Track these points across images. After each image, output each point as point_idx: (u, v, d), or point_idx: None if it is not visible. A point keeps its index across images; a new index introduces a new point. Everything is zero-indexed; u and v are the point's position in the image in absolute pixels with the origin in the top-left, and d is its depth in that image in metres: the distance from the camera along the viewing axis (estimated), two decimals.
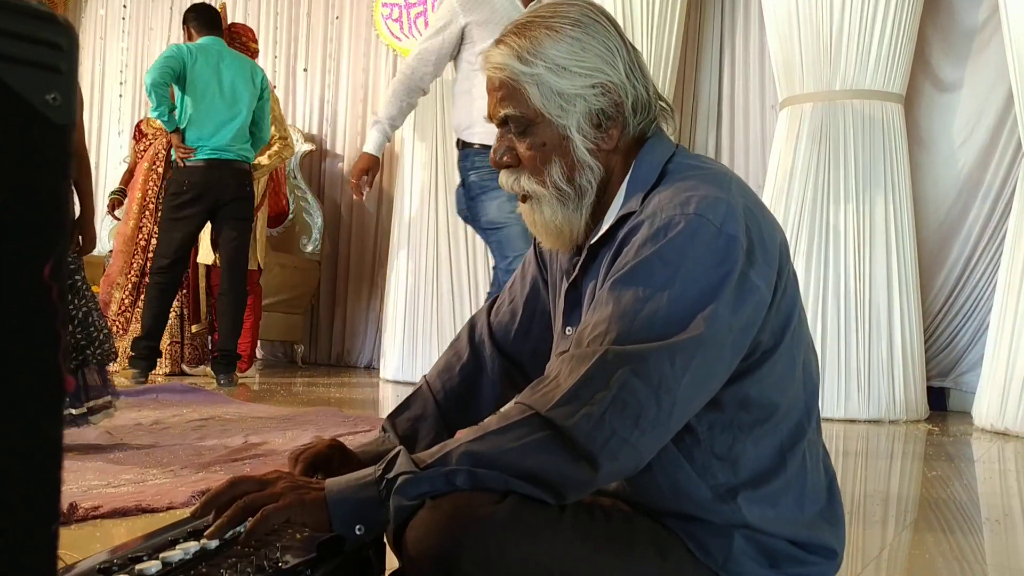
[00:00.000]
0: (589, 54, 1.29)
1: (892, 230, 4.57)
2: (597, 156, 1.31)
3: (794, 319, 1.26)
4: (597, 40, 1.30)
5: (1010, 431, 4.09)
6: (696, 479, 1.22)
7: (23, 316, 0.40)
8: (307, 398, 4.62)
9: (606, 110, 1.30)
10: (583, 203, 1.32)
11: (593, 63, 1.29)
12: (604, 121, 1.30)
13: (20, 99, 0.40)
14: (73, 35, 0.42)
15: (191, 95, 4.86)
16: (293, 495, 1.19)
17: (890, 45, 4.58)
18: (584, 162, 1.31)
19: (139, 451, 2.85)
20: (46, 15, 0.41)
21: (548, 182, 1.31)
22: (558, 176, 1.31)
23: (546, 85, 1.28)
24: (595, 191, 1.32)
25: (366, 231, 6.81)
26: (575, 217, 1.33)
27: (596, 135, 1.30)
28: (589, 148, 1.30)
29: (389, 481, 1.18)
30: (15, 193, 0.40)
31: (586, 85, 1.29)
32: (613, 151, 1.32)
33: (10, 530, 0.40)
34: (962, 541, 2.19)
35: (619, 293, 1.17)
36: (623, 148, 1.33)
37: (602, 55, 1.29)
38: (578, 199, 1.32)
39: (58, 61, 0.41)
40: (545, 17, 1.31)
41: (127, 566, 1.05)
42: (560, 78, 1.28)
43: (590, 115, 1.30)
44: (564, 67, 1.28)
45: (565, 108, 1.29)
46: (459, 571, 1.13)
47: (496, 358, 1.58)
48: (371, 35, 6.71)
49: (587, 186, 1.32)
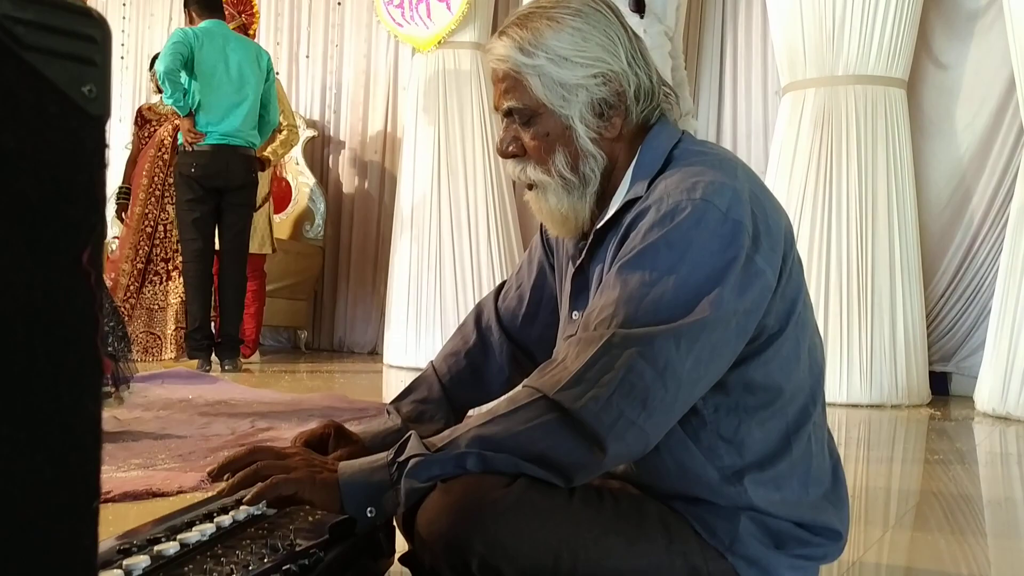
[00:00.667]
0: (590, 44, 1.30)
1: (895, 215, 4.57)
2: (600, 145, 1.33)
3: (799, 304, 1.28)
4: (598, 30, 1.31)
5: (1011, 415, 4.11)
6: (703, 461, 1.24)
7: (64, 301, 0.42)
8: (311, 384, 4.64)
9: (608, 99, 1.31)
10: (587, 191, 1.34)
11: (594, 53, 1.30)
12: (606, 110, 1.32)
13: (59, 91, 0.41)
14: (107, 28, 0.44)
15: (199, 80, 4.87)
16: (306, 471, 1.23)
17: (893, 30, 4.58)
18: (587, 151, 1.32)
19: (147, 436, 2.87)
20: (81, 9, 0.42)
21: (553, 171, 1.33)
22: (562, 165, 1.33)
23: (548, 76, 1.30)
24: (599, 179, 1.34)
25: (369, 216, 6.82)
26: (580, 205, 1.34)
27: (599, 124, 1.32)
28: (592, 137, 1.32)
29: (400, 464, 1.20)
30: (55, 182, 0.41)
31: (588, 75, 1.30)
32: (617, 139, 1.34)
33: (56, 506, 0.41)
34: (964, 524, 2.21)
35: (626, 277, 1.19)
36: (628, 135, 1.35)
37: (603, 44, 1.31)
38: (582, 187, 1.33)
39: (93, 54, 0.43)
40: (547, 8, 1.33)
41: (146, 547, 1.07)
42: (562, 68, 1.29)
43: (592, 104, 1.31)
44: (566, 57, 1.29)
45: (567, 98, 1.30)
46: (471, 553, 1.15)
47: (503, 343, 1.60)
48: (372, 21, 6.70)
49: (591, 174, 1.33)
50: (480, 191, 5.55)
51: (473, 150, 5.57)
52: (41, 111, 0.40)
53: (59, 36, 0.41)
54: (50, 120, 0.41)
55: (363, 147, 6.88)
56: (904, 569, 1.79)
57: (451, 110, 5.60)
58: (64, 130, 0.41)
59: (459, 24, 5.57)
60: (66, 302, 0.42)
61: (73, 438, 0.42)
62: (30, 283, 0.40)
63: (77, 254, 0.42)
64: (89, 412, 0.43)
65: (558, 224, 1.37)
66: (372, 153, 6.83)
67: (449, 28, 5.57)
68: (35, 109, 0.40)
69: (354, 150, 6.91)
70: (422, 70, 5.73)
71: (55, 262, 0.41)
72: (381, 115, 6.80)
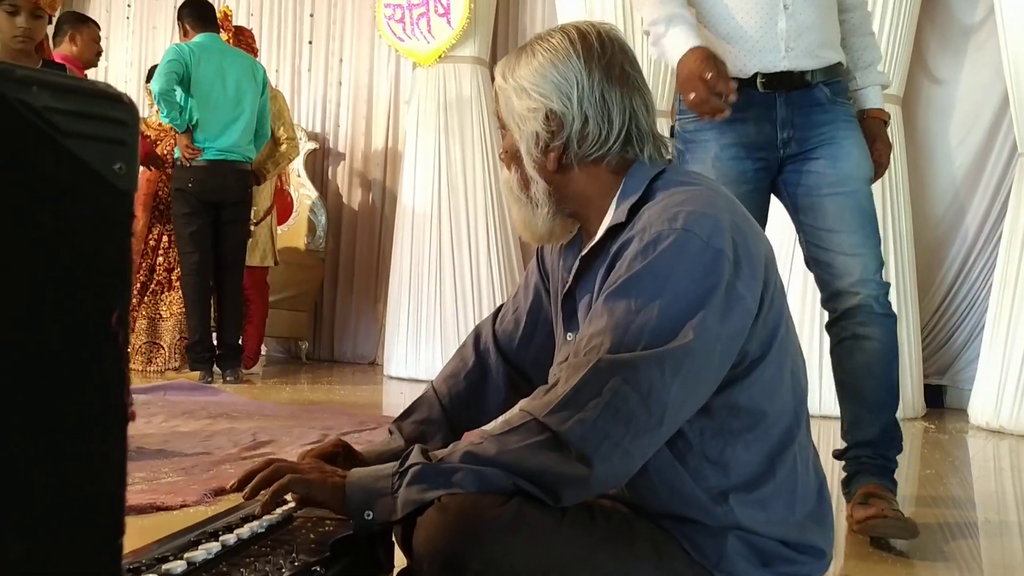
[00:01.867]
0: (546, 81, 1.37)
1: (890, 229, 4.62)
2: (542, 175, 1.40)
3: (781, 329, 1.32)
4: (557, 70, 1.37)
5: (1004, 429, 4.14)
6: (690, 482, 1.28)
7: (95, 358, 0.47)
8: (312, 396, 4.68)
9: (543, 135, 1.38)
10: (539, 212, 1.42)
11: (546, 90, 1.37)
12: (545, 144, 1.38)
13: (92, 171, 0.46)
14: (135, 112, 0.49)
15: (196, 96, 4.90)
16: (318, 474, 1.31)
17: (887, 44, 4.63)
18: (532, 177, 1.41)
19: (150, 450, 2.92)
20: (114, 96, 0.47)
21: (512, 184, 1.44)
22: (515, 182, 1.43)
23: (510, 101, 1.40)
24: (553, 205, 1.41)
25: (370, 229, 6.87)
26: (534, 221, 1.43)
27: (539, 156, 1.40)
28: (534, 166, 1.40)
29: (402, 474, 1.26)
30: (88, 251, 0.46)
31: (532, 108, 1.38)
32: (558, 172, 1.40)
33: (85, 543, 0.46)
34: (957, 538, 2.25)
35: (612, 306, 1.24)
36: (609, 169, 1.39)
37: (557, 84, 1.37)
38: (533, 208, 1.42)
39: (124, 135, 0.48)
40: (542, 38, 1.41)
41: (154, 566, 1.12)
42: (519, 98, 1.38)
43: (534, 136, 1.39)
44: (523, 88, 1.38)
45: (519, 126, 1.39)
46: (467, 570, 1.20)
47: (501, 365, 1.65)
48: (374, 36, 6.76)
49: (539, 198, 1.41)
50: (480, 204, 5.60)
51: (473, 164, 5.62)
52: (77, 191, 0.45)
53: (94, 121, 0.46)
54: (84, 198, 0.45)
55: (364, 160, 6.93)
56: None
57: (451, 124, 5.65)
58: (96, 206, 0.46)
59: (459, 39, 5.62)
60: (97, 359, 0.46)
61: (100, 480, 0.47)
62: (66, 342, 0.45)
63: (107, 316, 0.47)
64: (116, 458, 0.48)
65: (522, 230, 1.48)
66: (373, 166, 6.88)
67: (450, 43, 5.62)
68: (72, 190, 0.44)
69: (355, 163, 6.96)
70: (423, 84, 5.78)
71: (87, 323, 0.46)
72: (383, 128, 6.85)
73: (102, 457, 0.47)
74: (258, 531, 1.34)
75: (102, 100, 0.46)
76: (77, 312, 0.46)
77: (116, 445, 0.48)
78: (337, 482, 1.29)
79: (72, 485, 0.46)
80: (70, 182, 0.45)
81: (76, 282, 0.45)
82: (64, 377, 0.45)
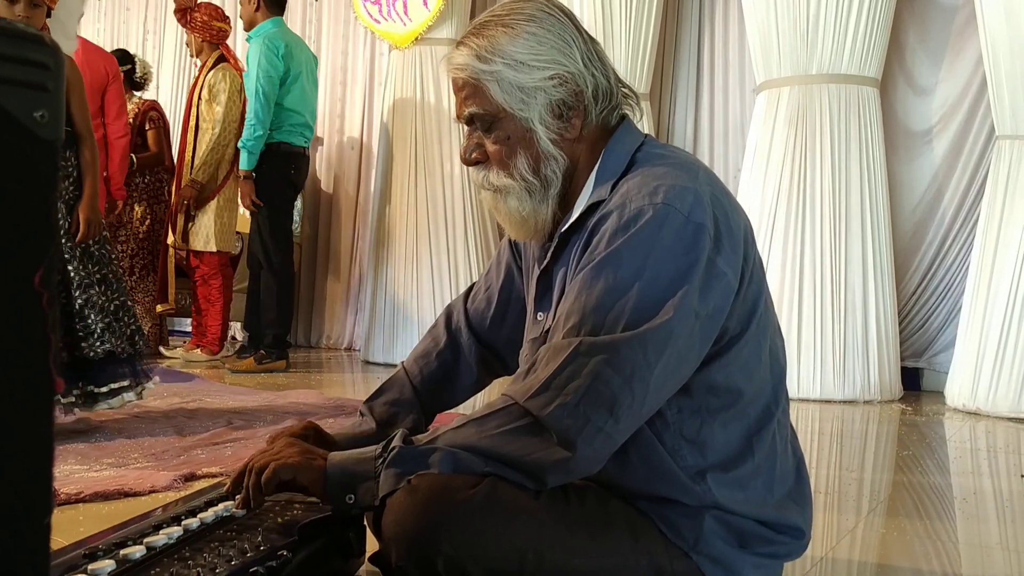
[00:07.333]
0: (545, 47, 1.33)
1: (867, 213, 4.61)
2: (561, 146, 1.35)
3: (760, 305, 1.30)
4: (552, 33, 1.33)
5: (981, 411, 4.16)
6: (668, 460, 1.26)
7: (16, 321, 0.43)
8: (287, 381, 4.63)
9: (566, 100, 1.34)
10: (549, 193, 1.36)
11: (550, 55, 1.33)
12: (565, 111, 1.34)
13: (10, 118, 0.42)
14: (60, 55, 0.45)
15: (292, 92, 4.96)
16: (303, 457, 1.29)
17: (866, 29, 4.62)
18: (548, 153, 1.35)
19: (120, 435, 2.87)
20: (34, 37, 0.43)
21: (515, 174, 1.35)
22: (524, 168, 1.35)
23: (506, 80, 1.32)
24: (561, 181, 1.36)
25: (346, 213, 6.80)
26: (541, 208, 1.37)
27: (559, 125, 1.34)
28: (552, 139, 1.34)
29: (384, 457, 1.23)
30: (7, 206, 0.42)
31: (544, 77, 1.32)
32: (577, 140, 1.36)
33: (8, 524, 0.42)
34: (934, 518, 2.24)
35: (591, 283, 1.21)
36: (589, 137, 1.36)
37: (558, 47, 1.33)
38: (544, 190, 1.36)
39: (46, 80, 0.44)
40: (501, 16, 1.36)
41: (111, 551, 1.08)
42: (519, 73, 1.32)
43: (551, 106, 1.33)
44: (522, 62, 1.32)
45: (526, 101, 1.33)
46: (437, 552, 1.17)
47: (473, 344, 1.62)
48: (350, 18, 6.68)
49: (552, 176, 1.36)
50: (457, 187, 5.55)
51: (451, 146, 5.57)
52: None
53: (11, 63, 0.42)
54: (1, 146, 0.42)
55: (340, 144, 6.86)
56: (875, 566, 1.82)
57: (428, 107, 5.59)
58: (16, 155, 0.42)
59: (436, 20, 5.56)
60: (18, 323, 0.43)
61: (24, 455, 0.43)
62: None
63: (30, 275, 0.43)
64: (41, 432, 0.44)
65: (517, 227, 1.40)
66: (349, 150, 6.81)
67: (426, 24, 5.56)
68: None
69: (331, 147, 6.89)
70: (399, 67, 5.72)
71: (7, 283, 0.42)
72: (359, 112, 6.78)
73: (26, 430, 0.44)
74: (223, 515, 1.30)
75: (20, 40, 0.42)
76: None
77: (42, 417, 0.45)
78: (320, 464, 1.27)
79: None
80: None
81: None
82: None
